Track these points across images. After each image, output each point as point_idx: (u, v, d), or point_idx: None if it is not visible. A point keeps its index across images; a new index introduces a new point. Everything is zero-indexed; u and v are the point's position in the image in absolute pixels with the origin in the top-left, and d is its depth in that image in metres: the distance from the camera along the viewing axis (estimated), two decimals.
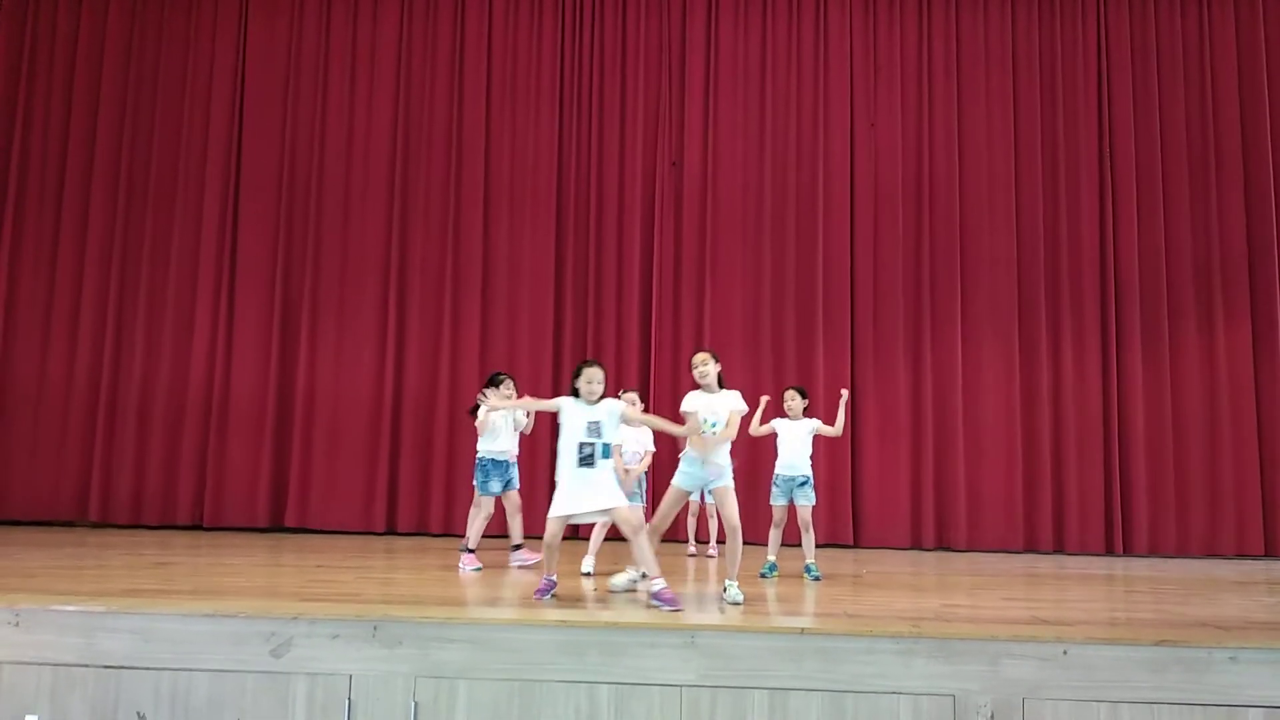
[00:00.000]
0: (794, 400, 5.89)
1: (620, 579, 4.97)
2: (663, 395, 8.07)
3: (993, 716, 3.46)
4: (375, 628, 3.64)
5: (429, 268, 8.61)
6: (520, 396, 6.58)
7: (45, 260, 8.69)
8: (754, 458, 7.10)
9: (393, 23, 8.88)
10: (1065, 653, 3.50)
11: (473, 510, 6.22)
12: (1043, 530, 8.06)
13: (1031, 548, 8.04)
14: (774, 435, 5.83)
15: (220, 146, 8.78)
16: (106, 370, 8.50)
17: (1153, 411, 8.16)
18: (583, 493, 4.44)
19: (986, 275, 8.40)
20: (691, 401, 4.78)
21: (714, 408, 4.70)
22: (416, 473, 8.35)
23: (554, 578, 4.51)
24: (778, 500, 5.75)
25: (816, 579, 5.49)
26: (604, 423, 4.51)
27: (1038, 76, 8.60)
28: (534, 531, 8.25)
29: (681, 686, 3.55)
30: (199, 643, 3.67)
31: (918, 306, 8.42)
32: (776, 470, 5.76)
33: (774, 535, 5.79)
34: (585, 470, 4.45)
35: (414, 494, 8.32)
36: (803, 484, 5.72)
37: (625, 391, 6.21)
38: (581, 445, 4.48)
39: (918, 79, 8.67)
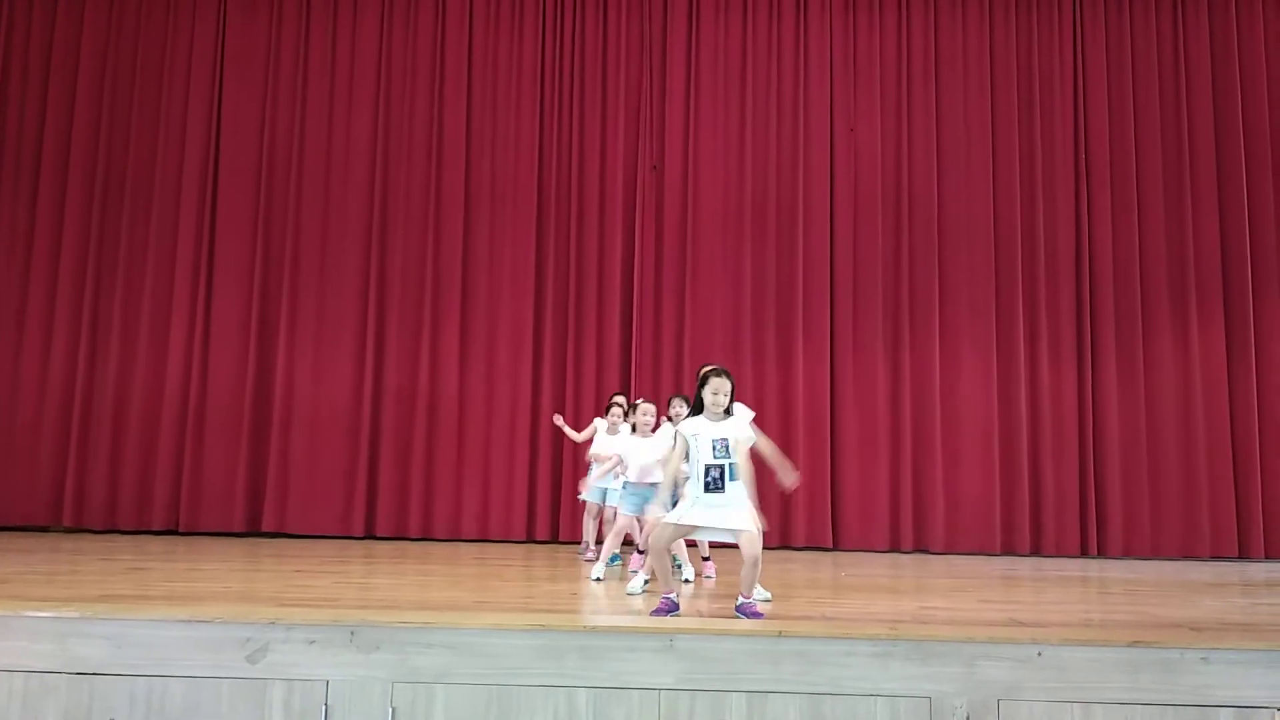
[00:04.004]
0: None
1: (635, 584, 5.02)
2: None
3: (968, 718, 3.49)
4: (353, 633, 3.62)
5: (408, 271, 8.57)
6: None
7: (19, 260, 8.58)
8: None
9: (373, 24, 8.85)
10: (1040, 654, 3.53)
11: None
12: (1020, 533, 8.11)
13: (1009, 550, 8.08)
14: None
15: (198, 147, 8.71)
16: (81, 372, 8.40)
17: (1127, 414, 8.24)
18: (709, 510, 4.15)
19: (964, 278, 8.46)
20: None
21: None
22: (395, 477, 8.30)
23: (675, 597, 4.18)
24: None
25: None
26: (730, 441, 4.18)
27: (1015, 80, 8.67)
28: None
29: (660, 690, 3.56)
30: (174, 649, 3.65)
31: (896, 310, 8.47)
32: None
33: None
34: (712, 497, 4.12)
35: (393, 498, 8.27)
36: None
37: (643, 401, 6.17)
38: (708, 468, 4.13)
39: (896, 82, 8.73)
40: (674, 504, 4.50)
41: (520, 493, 8.25)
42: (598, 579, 5.52)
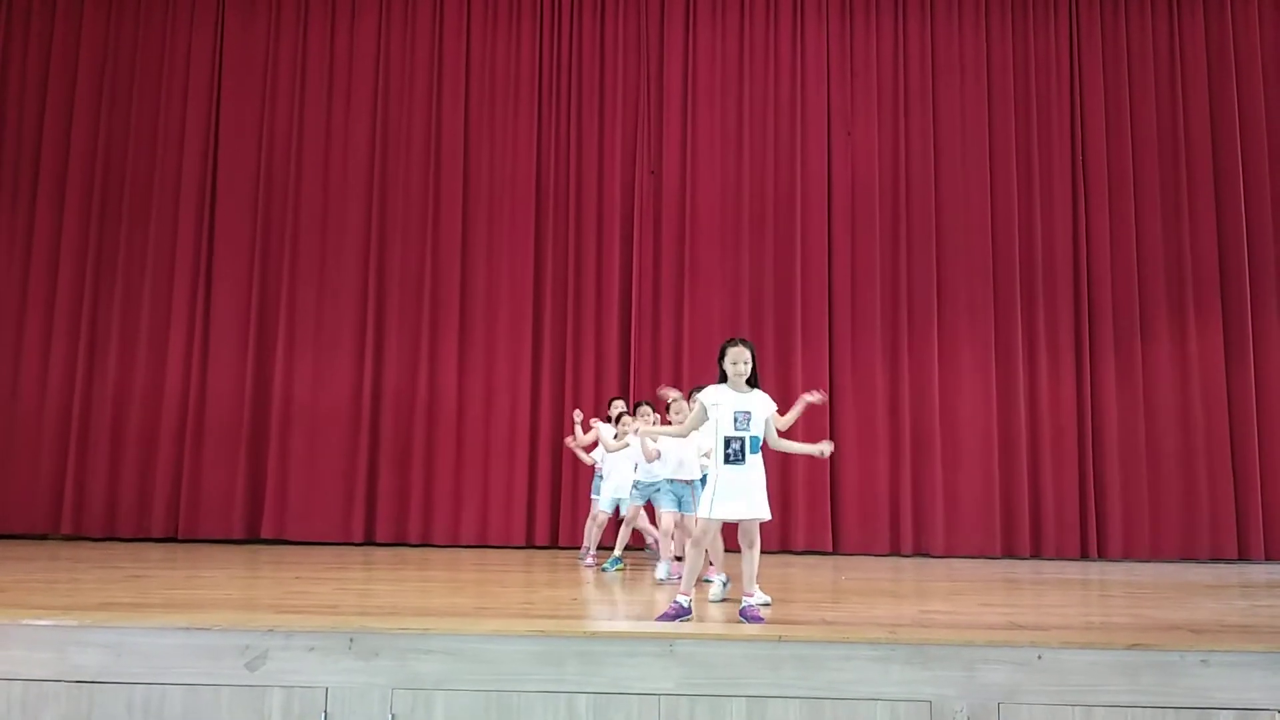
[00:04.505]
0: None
1: (716, 589, 4.99)
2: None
3: None
4: (352, 639, 3.62)
5: (407, 276, 8.58)
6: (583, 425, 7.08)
7: (17, 267, 8.59)
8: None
9: (370, 29, 8.86)
10: (1040, 657, 3.52)
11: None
12: (1020, 536, 8.11)
13: (1009, 553, 8.09)
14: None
15: (196, 152, 8.72)
16: (80, 380, 8.40)
17: (1126, 417, 8.24)
18: (733, 494, 4.17)
19: (963, 281, 8.47)
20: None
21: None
22: (395, 482, 8.30)
23: (688, 602, 4.18)
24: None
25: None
26: (754, 413, 4.23)
27: (1011, 83, 8.69)
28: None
29: (660, 695, 3.55)
30: (173, 656, 3.64)
31: (895, 313, 8.47)
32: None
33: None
34: (733, 468, 4.18)
35: (392, 504, 8.27)
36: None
37: (640, 404, 6.36)
38: (729, 440, 4.18)
39: (893, 86, 8.74)
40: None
41: (520, 498, 8.25)
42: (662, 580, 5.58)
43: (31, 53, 8.85)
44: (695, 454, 5.69)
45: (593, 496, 6.99)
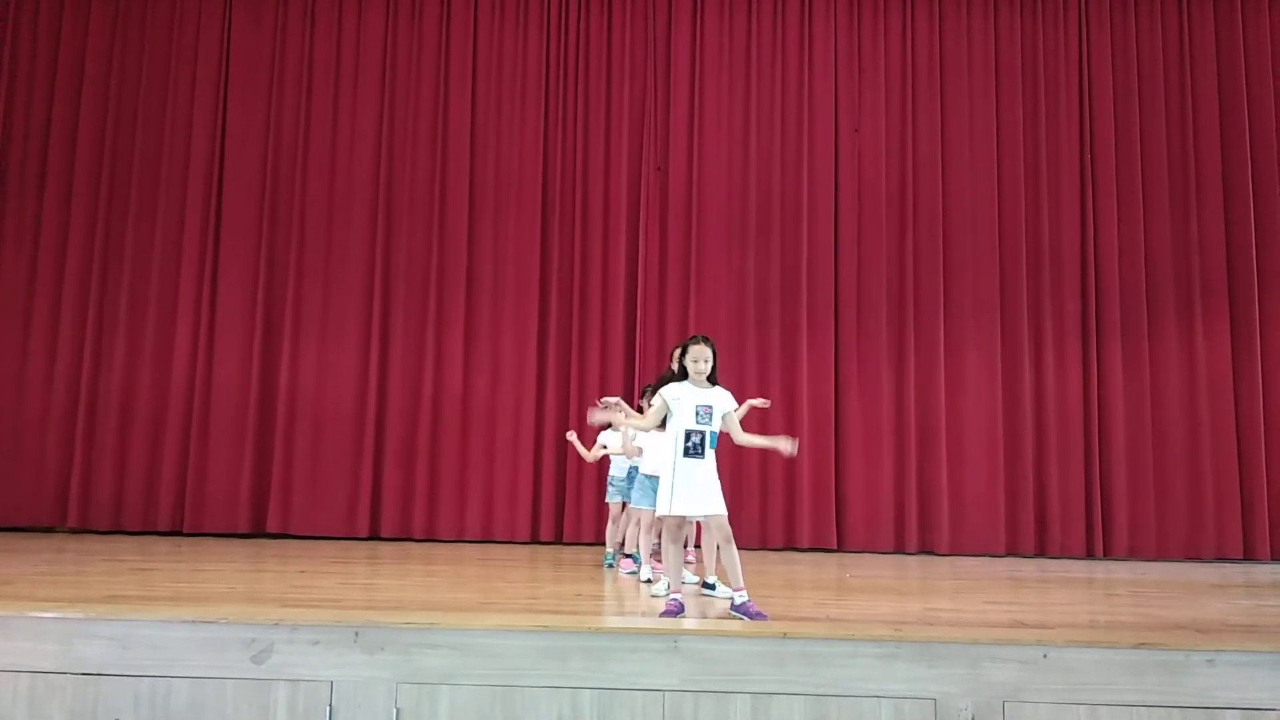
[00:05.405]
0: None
1: (659, 587, 4.98)
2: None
3: (974, 719, 3.48)
4: (357, 634, 3.63)
5: (413, 271, 8.58)
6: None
7: (25, 261, 8.59)
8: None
9: (378, 23, 8.85)
10: (1045, 656, 3.52)
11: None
12: (1025, 534, 8.09)
13: (1014, 551, 8.07)
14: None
15: (203, 149, 8.72)
16: (86, 374, 8.41)
17: (1133, 415, 8.22)
18: (690, 489, 4.21)
19: (969, 279, 8.45)
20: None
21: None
22: (400, 477, 8.31)
23: (681, 598, 4.27)
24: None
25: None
26: (714, 408, 4.30)
27: (1020, 80, 8.66)
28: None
29: (664, 691, 3.56)
30: (179, 649, 3.65)
31: (901, 311, 8.46)
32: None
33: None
34: (692, 461, 4.22)
35: (397, 499, 8.28)
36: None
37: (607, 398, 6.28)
38: (689, 433, 4.24)
39: (901, 83, 8.72)
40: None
41: (524, 493, 8.25)
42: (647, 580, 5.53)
43: (40, 48, 8.84)
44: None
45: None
